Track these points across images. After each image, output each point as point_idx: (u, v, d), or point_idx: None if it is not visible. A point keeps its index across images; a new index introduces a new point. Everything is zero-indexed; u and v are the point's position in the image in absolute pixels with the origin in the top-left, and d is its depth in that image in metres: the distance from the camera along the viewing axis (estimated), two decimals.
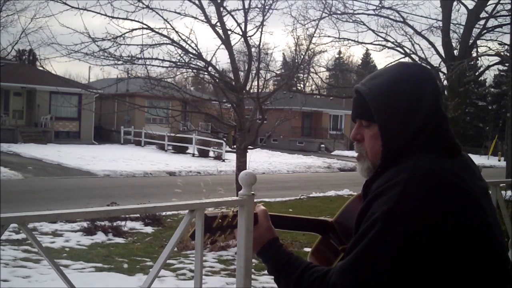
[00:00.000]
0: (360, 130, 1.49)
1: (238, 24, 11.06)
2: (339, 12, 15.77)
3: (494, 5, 16.08)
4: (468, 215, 1.32)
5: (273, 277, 1.56)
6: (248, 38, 11.10)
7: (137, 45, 10.73)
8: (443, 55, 16.25)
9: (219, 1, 10.85)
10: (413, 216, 1.28)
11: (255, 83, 11.48)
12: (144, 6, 10.51)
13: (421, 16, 17.54)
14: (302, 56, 12.06)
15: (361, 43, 17.00)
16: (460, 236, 1.29)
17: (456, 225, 1.29)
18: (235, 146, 11.38)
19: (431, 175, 1.32)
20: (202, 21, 10.98)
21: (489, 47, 17.08)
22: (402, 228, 1.28)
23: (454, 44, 16.60)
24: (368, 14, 16.51)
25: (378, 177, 1.40)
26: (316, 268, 1.43)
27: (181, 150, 30.75)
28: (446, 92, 16.28)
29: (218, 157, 28.62)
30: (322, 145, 42.21)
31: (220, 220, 1.69)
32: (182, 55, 10.89)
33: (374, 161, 1.46)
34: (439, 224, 1.28)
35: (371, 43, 17.22)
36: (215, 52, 11.07)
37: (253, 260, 1.71)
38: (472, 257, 1.31)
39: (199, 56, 10.87)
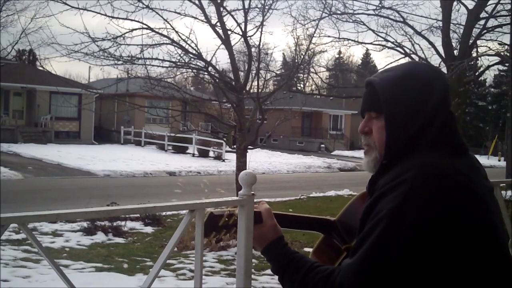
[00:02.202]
0: (368, 123, 1.50)
1: (238, 24, 11.06)
2: (339, 12, 15.79)
3: (494, 5, 16.10)
4: (474, 215, 1.32)
5: (277, 276, 1.55)
6: (248, 38, 11.10)
7: (137, 45, 10.74)
8: (443, 55, 16.25)
9: (219, 1, 10.85)
10: (420, 215, 1.28)
11: (255, 83, 11.47)
12: (144, 6, 10.52)
13: (421, 16, 17.56)
14: (302, 56, 12.05)
15: (361, 43, 17.02)
16: (467, 236, 1.30)
17: (463, 224, 1.30)
18: (235, 146, 11.37)
19: (438, 174, 1.32)
20: (202, 21, 10.98)
21: (489, 47, 17.08)
22: (409, 226, 1.27)
23: (454, 44, 16.60)
24: (368, 14, 16.52)
25: (384, 173, 1.40)
26: (321, 268, 1.42)
27: (181, 150, 30.74)
28: None
29: (218, 157, 28.61)
30: (322, 145, 42.20)
31: (226, 219, 1.69)
32: (182, 55, 10.89)
33: (382, 152, 1.46)
34: (446, 223, 1.28)
35: (371, 43, 17.25)
36: (215, 52, 11.08)
37: (253, 260, 1.71)
38: (477, 257, 1.31)
39: (199, 56, 10.87)
